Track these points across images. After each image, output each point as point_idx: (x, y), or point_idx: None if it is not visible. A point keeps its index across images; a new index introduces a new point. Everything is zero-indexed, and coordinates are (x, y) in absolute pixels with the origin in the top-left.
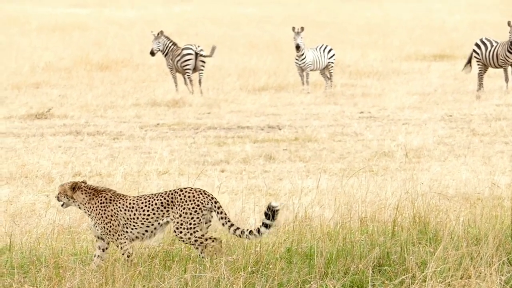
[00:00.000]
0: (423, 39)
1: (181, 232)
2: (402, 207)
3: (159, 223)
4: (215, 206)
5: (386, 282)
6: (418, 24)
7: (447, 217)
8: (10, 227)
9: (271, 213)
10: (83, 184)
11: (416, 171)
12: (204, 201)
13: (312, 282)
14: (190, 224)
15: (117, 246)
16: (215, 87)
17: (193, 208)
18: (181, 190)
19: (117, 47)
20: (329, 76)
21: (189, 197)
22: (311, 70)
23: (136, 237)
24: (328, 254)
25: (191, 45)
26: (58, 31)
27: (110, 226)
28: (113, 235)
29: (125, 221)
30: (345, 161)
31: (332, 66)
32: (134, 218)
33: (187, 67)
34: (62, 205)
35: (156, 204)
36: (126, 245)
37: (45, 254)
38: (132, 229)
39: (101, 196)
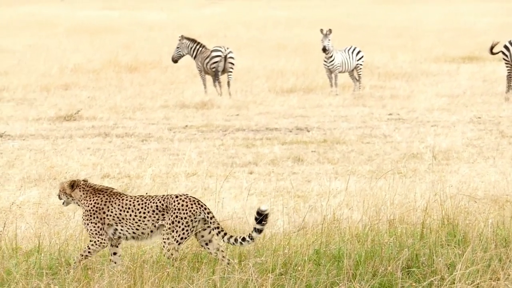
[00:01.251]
0: (452, 42)
1: (168, 239)
2: (430, 209)
3: (155, 226)
4: (207, 216)
5: (415, 284)
6: (447, 26)
7: (476, 219)
8: (39, 228)
9: (260, 217)
10: (82, 182)
11: (445, 173)
12: (196, 212)
13: (340, 284)
14: (178, 233)
15: (89, 242)
16: (243, 89)
17: (184, 218)
18: (177, 197)
19: (146, 49)
20: (357, 78)
21: (182, 205)
22: (339, 72)
23: (132, 237)
24: (356, 256)
25: (220, 47)
26: (87, 33)
27: (94, 227)
28: (91, 234)
29: (120, 220)
30: (374, 163)
31: (360, 68)
32: (129, 219)
33: (216, 69)
34: (63, 203)
35: (151, 207)
36: (94, 249)
37: (73, 256)
38: (128, 229)
39: (98, 197)
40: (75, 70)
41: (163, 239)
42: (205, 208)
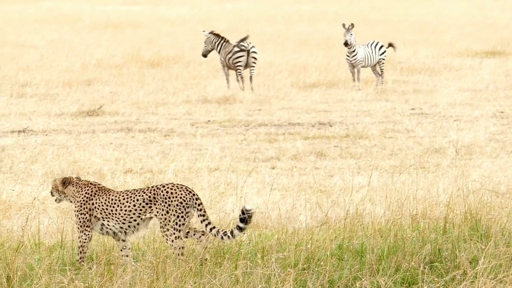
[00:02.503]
0: (474, 36)
1: (167, 230)
2: (453, 203)
3: (141, 219)
4: (195, 203)
5: (437, 279)
6: (469, 21)
7: (499, 213)
8: (62, 223)
9: (246, 216)
10: (75, 178)
11: (468, 167)
12: (186, 197)
13: (363, 279)
14: (175, 221)
15: (78, 238)
16: (266, 84)
17: (176, 205)
18: (163, 187)
19: (168, 44)
20: (380, 72)
21: (172, 193)
22: (362, 67)
23: (119, 231)
24: (379, 251)
25: (243, 42)
26: (110, 29)
27: (82, 218)
28: (80, 227)
29: (107, 215)
30: (397, 158)
31: (383, 63)
32: (115, 213)
33: (239, 64)
34: (55, 200)
35: (138, 200)
36: (85, 242)
37: (96, 251)
38: (114, 223)
39: (88, 188)
40: (97, 66)
41: (163, 232)
42: (194, 195)
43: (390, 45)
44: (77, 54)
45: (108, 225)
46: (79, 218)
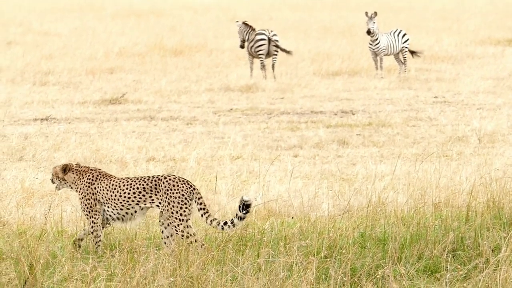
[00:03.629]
0: (497, 24)
1: (173, 221)
2: (476, 192)
3: (140, 207)
4: (195, 197)
5: (460, 267)
6: (492, 9)
7: None
8: None
9: (245, 206)
10: (75, 165)
11: (490, 156)
12: (187, 191)
13: (385, 267)
14: (179, 212)
15: (89, 225)
16: (288, 72)
17: (178, 197)
18: (165, 178)
19: (191, 32)
20: (403, 60)
21: (173, 186)
22: (385, 55)
23: (117, 218)
24: (401, 239)
25: (264, 30)
26: (133, 17)
27: (88, 203)
28: (88, 213)
29: (107, 200)
30: (419, 146)
31: (406, 51)
32: (115, 199)
33: (260, 52)
34: (56, 187)
35: (138, 188)
36: (97, 226)
37: (119, 239)
38: (113, 209)
39: (89, 174)
40: (120, 54)
41: (171, 224)
42: (194, 189)
43: (413, 52)
44: (100, 42)
45: (108, 210)
46: (85, 205)
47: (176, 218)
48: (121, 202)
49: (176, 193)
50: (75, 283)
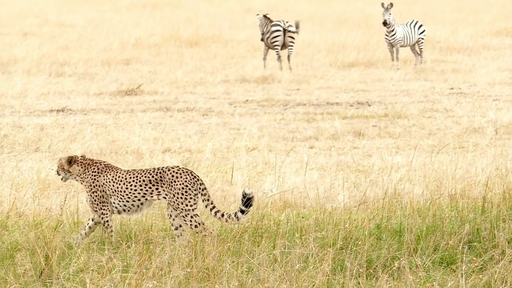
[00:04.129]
0: None
1: (181, 212)
2: (492, 183)
3: (146, 199)
4: (200, 188)
5: (475, 258)
6: (508, 0)
7: None
8: None
9: (247, 200)
10: (80, 157)
11: (506, 147)
12: (191, 183)
13: (401, 259)
14: (185, 203)
15: (99, 217)
16: (304, 63)
17: (183, 188)
18: (169, 170)
19: (207, 23)
20: (419, 52)
21: (177, 177)
22: (401, 46)
23: (123, 210)
24: (417, 230)
25: (279, 21)
26: (148, 8)
27: (96, 196)
28: (97, 205)
29: (113, 192)
30: (435, 138)
31: (422, 42)
32: (121, 191)
33: (276, 43)
34: (61, 179)
35: (144, 180)
36: (107, 216)
37: (135, 230)
38: (119, 201)
39: (94, 166)
40: (136, 45)
41: (179, 215)
42: (198, 179)
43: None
44: (115, 33)
45: (114, 202)
46: (93, 198)
47: (183, 209)
48: (127, 195)
49: (180, 184)
50: (91, 274)
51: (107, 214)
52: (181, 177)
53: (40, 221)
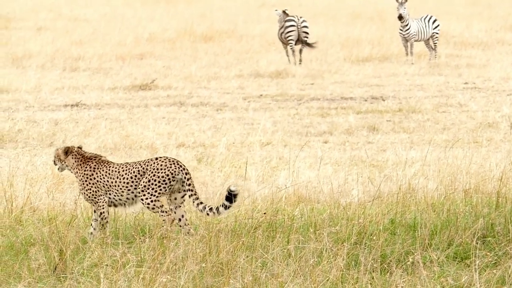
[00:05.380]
0: None
1: (144, 195)
2: (506, 178)
3: (137, 191)
4: (185, 177)
5: (489, 253)
6: None
7: None
8: None
9: (231, 196)
10: (75, 149)
11: None
12: (175, 171)
13: (415, 254)
14: (155, 190)
15: (96, 210)
16: (318, 58)
17: (162, 177)
18: (156, 159)
19: (221, 18)
20: (433, 46)
21: (161, 165)
22: (415, 41)
23: (119, 203)
24: (432, 225)
25: (293, 16)
26: (162, 2)
27: (90, 192)
28: (92, 200)
29: (108, 187)
30: (449, 132)
31: (436, 37)
32: (115, 185)
33: (290, 38)
34: (58, 169)
35: (133, 172)
36: (103, 208)
37: (149, 225)
38: (115, 195)
39: (87, 165)
40: (150, 40)
41: (141, 196)
42: (184, 169)
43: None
44: (129, 28)
45: (110, 196)
46: (87, 195)
47: (149, 193)
48: (121, 188)
49: (162, 172)
50: (105, 269)
51: (103, 206)
52: (166, 165)
53: (54, 216)
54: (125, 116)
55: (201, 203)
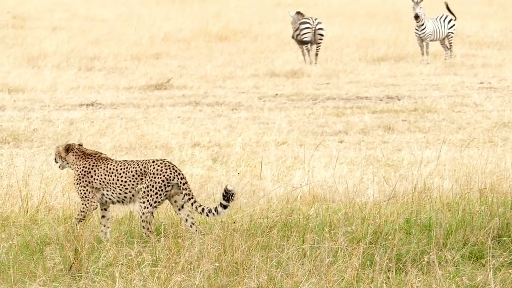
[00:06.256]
0: None
1: (144, 202)
2: None
3: (135, 190)
4: (180, 182)
5: (505, 253)
6: None
7: None
8: None
9: (228, 196)
10: (76, 146)
11: None
12: (170, 177)
13: (430, 253)
14: (152, 198)
15: (80, 206)
16: (334, 58)
17: (158, 182)
18: (153, 162)
19: (236, 18)
20: (449, 46)
21: (157, 170)
22: (431, 41)
23: (117, 201)
24: (447, 225)
25: (308, 18)
26: (177, 2)
27: (83, 190)
28: (82, 197)
29: (105, 184)
30: (465, 132)
31: (452, 37)
32: (113, 183)
33: (305, 39)
34: (59, 167)
35: (131, 171)
36: (86, 211)
37: (164, 224)
38: (113, 192)
39: (86, 161)
40: (165, 39)
41: (140, 202)
42: (179, 174)
43: (448, 9)
44: (145, 27)
45: (107, 194)
46: (80, 190)
47: (148, 201)
48: (118, 186)
49: (158, 177)
50: (120, 268)
51: (87, 209)
52: (162, 170)
53: (69, 215)
54: (141, 116)
55: (200, 205)
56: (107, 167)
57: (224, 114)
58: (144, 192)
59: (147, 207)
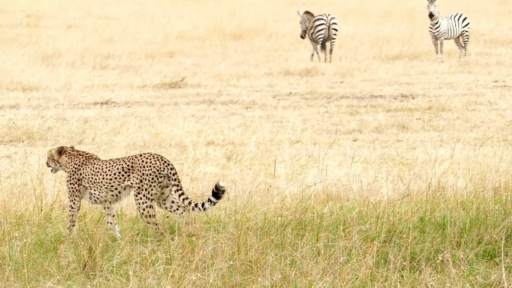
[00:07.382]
0: None
1: (140, 198)
2: None
3: (122, 187)
4: (170, 173)
5: None
6: None
7: None
8: None
9: (219, 192)
10: (69, 149)
11: None
12: (160, 167)
13: (445, 252)
14: (148, 192)
15: (68, 207)
16: (348, 56)
17: (149, 174)
18: (141, 156)
19: (250, 16)
20: (463, 44)
21: (146, 163)
22: (445, 39)
23: (105, 200)
24: (461, 223)
25: (322, 15)
26: (192, 1)
27: (72, 188)
28: (70, 196)
29: (92, 183)
30: (479, 131)
31: (466, 35)
32: (99, 182)
33: (320, 36)
34: (51, 171)
35: (117, 168)
36: (74, 210)
37: (178, 222)
38: (100, 192)
39: (77, 159)
40: (180, 38)
41: (136, 199)
42: (169, 164)
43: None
44: (159, 26)
45: (95, 193)
46: (69, 188)
47: (144, 196)
48: (104, 185)
49: (148, 169)
50: (134, 266)
51: (74, 209)
52: (151, 163)
53: (83, 213)
54: (155, 114)
55: (187, 198)
56: (93, 167)
57: (238, 113)
58: (137, 188)
59: (145, 202)
